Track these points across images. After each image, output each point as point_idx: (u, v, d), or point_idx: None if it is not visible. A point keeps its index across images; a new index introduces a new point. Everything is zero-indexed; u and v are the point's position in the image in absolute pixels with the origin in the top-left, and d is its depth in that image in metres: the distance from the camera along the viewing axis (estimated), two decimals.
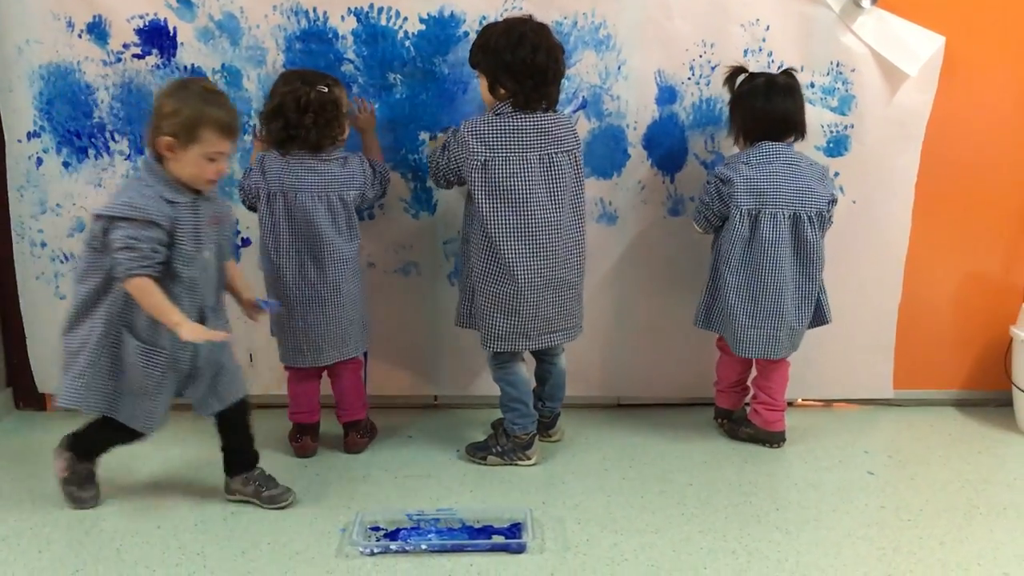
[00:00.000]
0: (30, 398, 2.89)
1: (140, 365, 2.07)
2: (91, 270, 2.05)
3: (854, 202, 2.73)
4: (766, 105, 2.46)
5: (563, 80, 2.37)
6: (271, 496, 2.27)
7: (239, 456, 2.30)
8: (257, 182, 2.40)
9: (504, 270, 2.34)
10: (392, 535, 2.13)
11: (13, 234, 2.69)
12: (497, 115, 2.31)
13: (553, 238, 2.35)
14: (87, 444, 2.24)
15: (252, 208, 2.45)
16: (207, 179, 2.05)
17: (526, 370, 2.51)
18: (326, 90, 2.34)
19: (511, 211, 2.31)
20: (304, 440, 2.58)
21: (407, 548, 2.07)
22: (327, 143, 2.38)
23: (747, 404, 2.77)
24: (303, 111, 2.32)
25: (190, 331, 2.00)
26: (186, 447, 2.58)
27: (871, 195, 2.74)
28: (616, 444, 2.69)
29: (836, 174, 2.68)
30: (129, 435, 2.17)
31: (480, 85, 2.35)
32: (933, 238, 2.81)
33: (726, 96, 2.57)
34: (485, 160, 2.30)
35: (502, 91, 2.30)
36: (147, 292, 1.98)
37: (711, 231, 2.59)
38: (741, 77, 2.52)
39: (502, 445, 2.53)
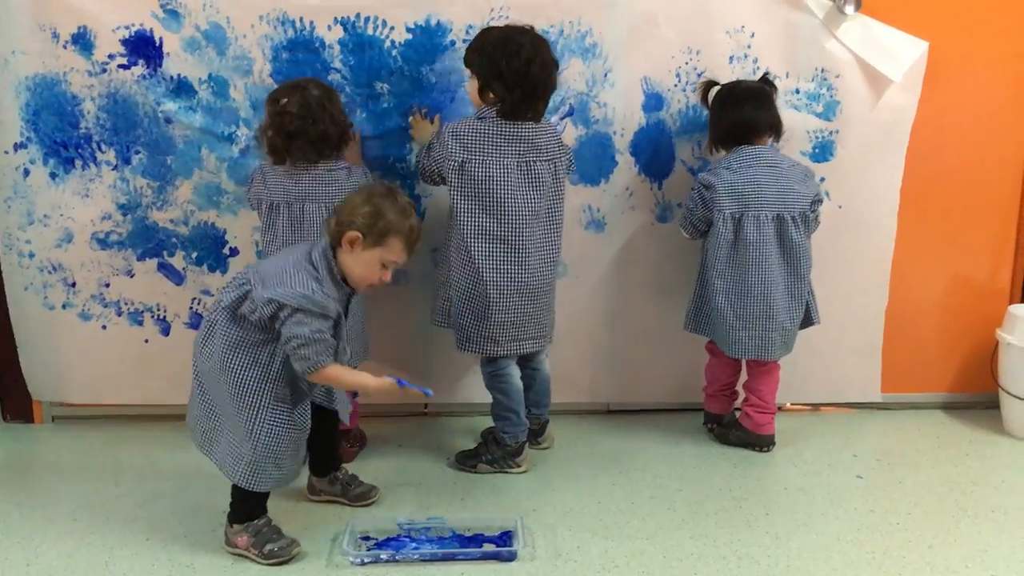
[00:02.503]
0: (18, 410, 2.87)
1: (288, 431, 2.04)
2: (243, 345, 2.00)
3: (840, 207, 2.74)
4: (722, 116, 2.52)
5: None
6: (359, 494, 2.34)
7: (329, 455, 2.35)
8: (259, 192, 2.39)
9: (476, 272, 2.35)
10: (382, 544, 2.13)
11: (1, 245, 2.67)
12: (480, 119, 2.32)
13: (527, 244, 2.35)
14: (246, 508, 2.10)
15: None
16: (370, 283, 2.08)
17: (519, 379, 2.51)
18: (317, 93, 2.31)
19: (485, 214, 2.33)
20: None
21: (397, 557, 2.07)
22: (331, 146, 2.34)
23: (737, 409, 2.78)
24: (307, 113, 2.27)
25: (377, 386, 2.04)
26: (174, 458, 2.57)
27: (857, 200, 2.75)
28: (606, 450, 2.69)
29: (822, 179, 2.70)
30: None
31: (470, 85, 2.36)
32: (919, 242, 2.83)
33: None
34: (462, 161, 2.31)
35: (491, 95, 2.31)
36: (340, 374, 2.02)
37: (698, 236, 2.60)
38: (714, 90, 2.55)
39: (492, 453, 2.53)
